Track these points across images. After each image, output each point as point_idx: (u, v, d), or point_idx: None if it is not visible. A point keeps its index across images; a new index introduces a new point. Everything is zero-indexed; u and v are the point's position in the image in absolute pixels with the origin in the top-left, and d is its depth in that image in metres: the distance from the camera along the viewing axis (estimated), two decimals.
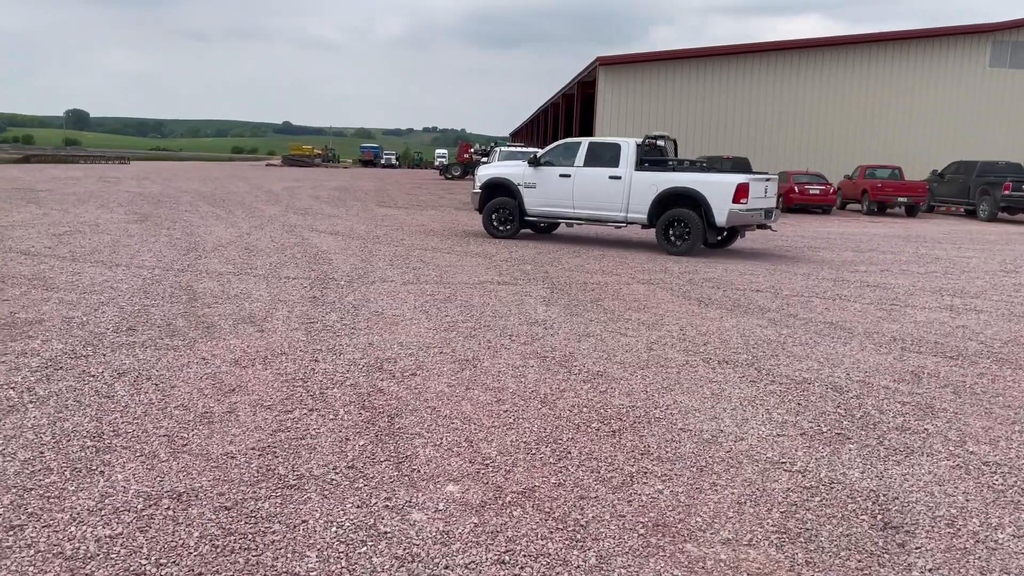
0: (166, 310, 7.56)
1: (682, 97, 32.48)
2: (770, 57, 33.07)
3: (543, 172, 14.68)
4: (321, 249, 12.63)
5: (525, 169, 14.90)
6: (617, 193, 14.04)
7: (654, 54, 33.30)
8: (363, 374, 5.65)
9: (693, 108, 32.50)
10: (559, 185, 14.50)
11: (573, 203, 14.45)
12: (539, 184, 14.66)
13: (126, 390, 5.10)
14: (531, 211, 14.89)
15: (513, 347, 6.59)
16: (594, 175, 14.23)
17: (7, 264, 9.93)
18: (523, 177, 14.83)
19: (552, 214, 14.85)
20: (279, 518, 3.43)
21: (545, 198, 14.67)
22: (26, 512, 3.39)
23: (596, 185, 14.18)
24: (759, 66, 32.89)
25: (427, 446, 4.33)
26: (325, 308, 7.93)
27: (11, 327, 6.65)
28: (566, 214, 14.69)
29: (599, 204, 14.25)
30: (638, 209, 13.90)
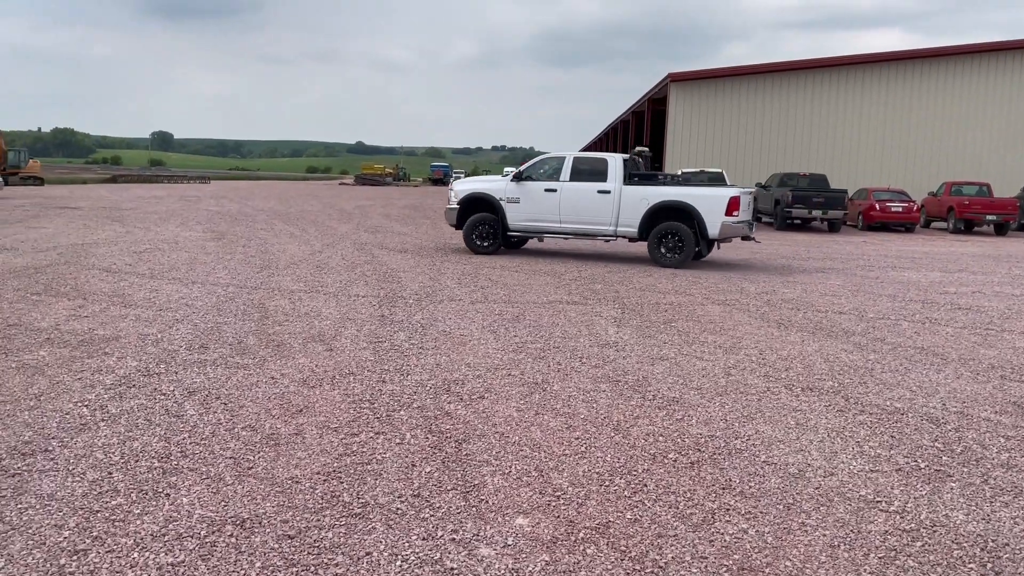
0: (238, 328, 7.61)
1: (756, 113, 31.80)
2: (849, 71, 32.13)
3: (527, 187, 14.56)
4: (390, 267, 12.66)
5: (507, 184, 14.75)
6: (607, 207, 14.17)
7: (727, 69, 32.72)
8: (430, 396, 5.53)
9: (767, 124, 31.77)
10: (545, 200, 14.44)
11: (560, 217, 14.42)
12: (523, 199, 14.54)
13: (195, 409, 5.09)
14: (514, 226, 14.75)
15: (584, 370, 6.38)
16: (582, 189, 14.28)
17: (89, 281, 10.21)
18: (505, 192, 14.68)
19: (537, 229, 14.73)
20: (343, 549, 3.30)
21: (529, 213, 14.56)
22: (91, 536, 3.34)
23: (585, 199, 14.24)
24: (838, 80, 31.98)
25: (495, 474, 4.16)
26: (393, 327, 7.86)
27: (89, 343, 6.77)
28: (552, 228, 14.61)
29: (588, 218, 14.31)
30: (628, 223, 14.13)
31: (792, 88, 31.90)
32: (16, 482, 3.86)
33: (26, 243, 14.71)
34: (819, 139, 32.00)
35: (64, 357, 6.27)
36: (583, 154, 14.92)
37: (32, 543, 3.27)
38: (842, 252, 18.08)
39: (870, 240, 22.14)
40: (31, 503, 3.64)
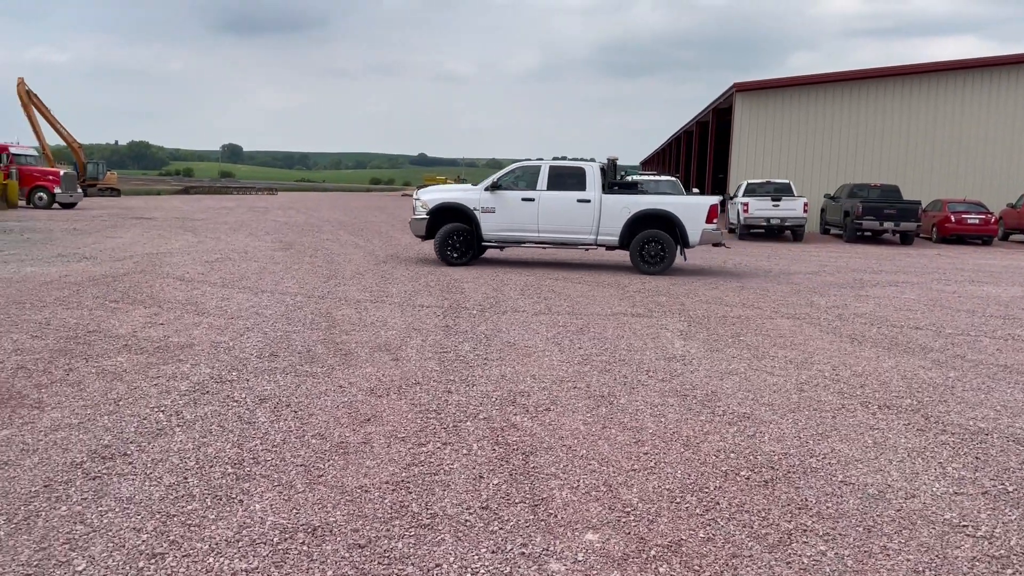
0: (306, 337, 7.73)
1: (824, 122, 31.09)
2: (922, 79, 31.18)
3: (502, 196, 14.25)
4: (453, 278, 12.72)
5: (481, 194, 14.37)
6: (587, 216, 14.12)
7: (794, 79, 32.08)
8: (496, 408, 5.51)
9: (836, 134, 31.03)
10: (522, 209, 14.19)
11: (538, 227, 14.22)
12: (499, 208, 14.21)
13: (266, 417, 5.17)
14: (489, 236, 14.41)
15: (650, 384, 6.29)
16: (561, 199, 14.15)
17: (164, 289, 10.52)
18: (480, 202, 14.31)
19: (513, 239, 14.47)
20: (412, 560, 3.29)
21: (506, 223, 14.25)
22: (168, 540, 3.41)
23: (564, 209, 14.12)
24: (910, 89, 31.07)
25: (564, 488, 4.11)
26: (458, 337, 7.88)
27: (164, 350, 6.96)
28: (529, 238, 14.42)
29: (567, 227, 14.21)
30: (609, 232, 14.17)
31: (862, 97, 31.10)
32: (97, 485, 3.97)
33: (104, 252, 15.26)
34: (890, 149, 31.11)
35: (141, 363, 6.46)
36: (559, 162, 14.62)
37: (112, 545, 3.35)
38: (916, 265, 17.50)
39: (945, 253, 21.39)
40: (111, 506, 3.74)
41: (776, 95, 31.51)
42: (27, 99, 42.17)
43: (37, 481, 3.99)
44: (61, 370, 6.17)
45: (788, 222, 24.00)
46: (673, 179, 25.17)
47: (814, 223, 28.02)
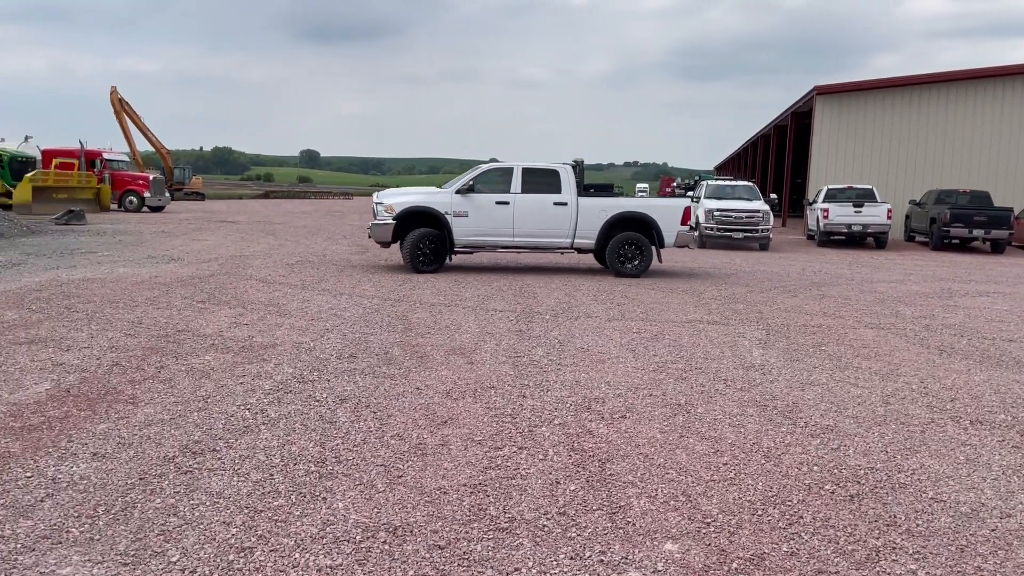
0: (384, 339, 7.86)
1: (909, 126, 30.02)
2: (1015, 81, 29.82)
3: (475, 200, 13.72)
4: (525, 282, 12.77)
5: (452, 197, 13.74)
6: (564, 219, 13.88)
7: (877, 81, 31.09)
8: (571, 413, 5.50)
9: (921, 138, 29.93)
10: (496, 213, 13.72)
11: (513, 231, 13.82)
12: (472, 213, 13.67)
13: (347, 416, 5.28)
14: (462, 241, 13.84)
15: (729, 393, 6.18)
16: (537, 202, 13.82)
17: (247, 291, 10.86)
18: (452, 205, 13.67)
19: (487, 243, 14.01)
20: (491, 563, 3.32)
21: (479, 227, 13.74)
22: (256, 534, 3.52)
23: (540, 212, 13.81)
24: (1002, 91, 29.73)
25: (641, 497, 4.07)
26: (531, 342, 7.90)
27: (249, 350, 7.18)
28: (504, 242, 14.01)
29: (543, 231, 13.89)
30: (586, 235, 13.96)
31: (949, 100, 29.93)
32: (188, 479, 4.13)
33: (191, 254, 15.85)
34: (980, 154, 29.82)
35: (227, 362, 6.68)
36: (532, 164, 14.14)
37: (204, 538, 3.47)
38: (1008, 275, 16.74)
39: None
40: (202, 499, 3.87)
41: (858, 98, 30.60)
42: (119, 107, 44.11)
43: (133, 474, 4.17)
44: (153, 367, 6.43)
45: (870, 229, 23.25)
46: (750, 184, 24.71)
47: (898, 230, 27.06)
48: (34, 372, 6.16)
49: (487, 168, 14.25)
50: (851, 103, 30.51)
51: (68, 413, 5.16)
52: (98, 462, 4.32)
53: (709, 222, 21.41)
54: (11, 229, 19.42)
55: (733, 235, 21.29)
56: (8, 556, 3.25)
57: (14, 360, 6.51)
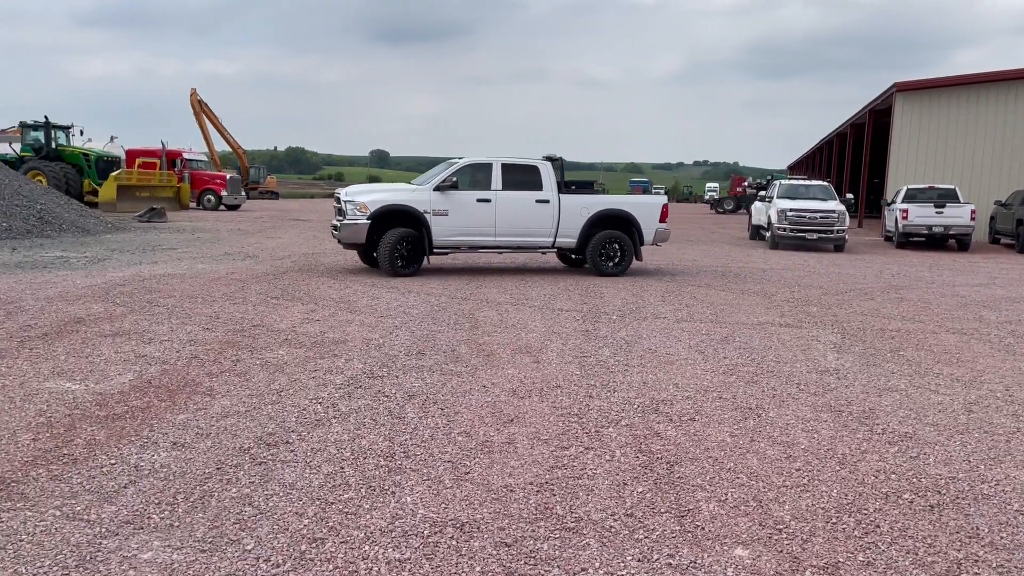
0: (451, 336, 7.93)
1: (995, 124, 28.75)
2: None
3: (455, 198, 12.84)
4: (592, 282, 12.70)
5: (431, 194, 12.75)
6: (547, 218, 13.33)
7: (961, 78, 29.87)
8: (638, 415, 5.45)
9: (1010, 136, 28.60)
10: (478, 211, 12.95)
11: (495, 230, 13.09)
12: (452, 211, 12.78)
13: (415, 412, 5.34)
14: (441, 242, 12.90)
15: (802, 397, 6.03)
16: (519, 199, 13.17)
17: (319, 288, 11.09)
18: (431, 204, 12.70)
19: (467, 243, 13.15)
20: (558, 562, 3.31)
21: (460, 226, 12.88)
22: (327, 526, 3.59)
23: (522, 210, 13.16)
24: None
25: (710, 501, 4.01)
26: (597, 342, 7.86)
27: (321, 345, 7.33)
28: (486, 243, 13.23)
29: (525, 230, 13.28)
30: (568, 233, 13.50)
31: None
32: (262, 470, 4.24)
33: (265, 251, 16.28)
34: None
35: (300, 357, 6.84)
36: (512, 160, 13.44)
37: (277, 528, 3.56)
38: None
39: None
40: (275, 490, 3.97)
41: (940, 95, 29.48)
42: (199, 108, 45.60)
43: (210, 463, 4.30)
44: (229, 361, 6.62)
45: (952, 230, 22.37)
46: (824, 184, 24.06)
47: (981, 232, 25.96)
48: (118, 363, 6.42)
49: (466, 164, 13.28)
50: (933, 100, 29.42)
51: (150, 404, 5.35)
52: (178, 451, 4.47)
53: (782, 222, 20.93)
54: (97, 226, 20.28)
55: (807, 236, 20.76)
56: (93, 540, 3.39)
57: (100, 352, 6.79)
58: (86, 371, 6.14)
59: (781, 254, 19.70)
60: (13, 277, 11.30)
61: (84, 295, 9.81)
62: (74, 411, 5.14)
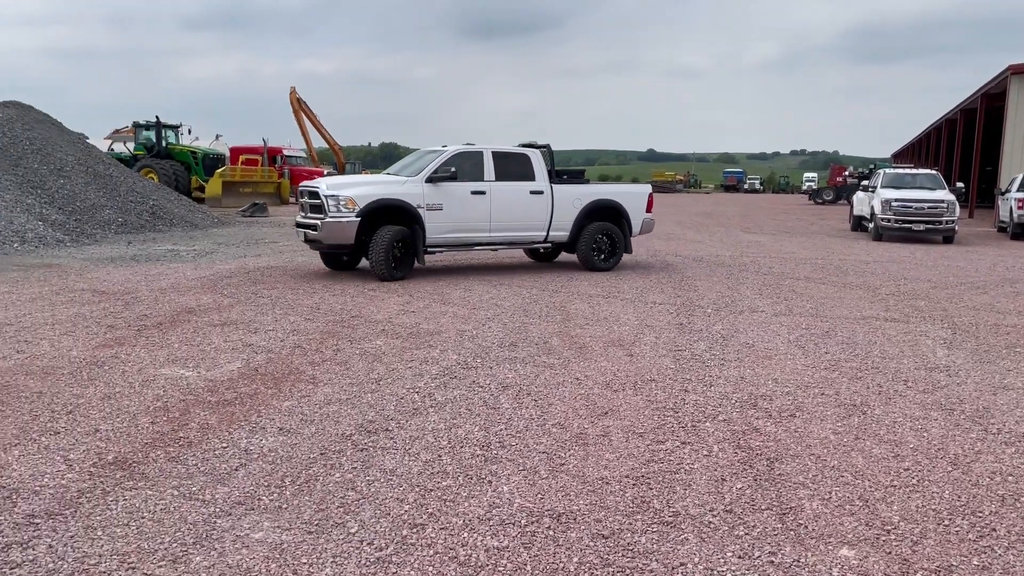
0: (543, 329, 7.96)
1: None
2: None
3: (448, 190, 11.53)
4: (685, 275, 12.51)
5: (423, 187, 11.38)
6: (541, 210, 12.41)
7: None
8: (736, 410, 5.35)
9: None
10: (473, 205, 11.77)
11: (490, 225, 11.98)
12: (447, 205, 11.51)
13: (509, 403, 5.39)
14: (435, 240, 11.59)
15: (909, 395, 5.79)
16: (514, 190, 12.13)
17: (412, 280, 11.31)
18: (424, 197, 11.35)
19: (462, 241, 11.94)
20: (656, 556, 3.29)
21: (455, 222, 11.65)
22: (427, 512, 3.67)
23: (517, 202, 12.16)
24: None
25: (813, 499, 3.90)
26: (692, 336, 7.74)
27: (416, 336, 7.48)
28: (480, 239, 12.06)
29: (520, 224, 12.29)
30: (561, 227, 12.64)
31: None
32: (364, 456, 4.36)
33: None
34: None
35: (396, 347, 6.99)
36: (502, 148, 12.38)
37: (379, 512, 3.66)
38: None
39: None
40: (377, 476, 4.08)
41: None
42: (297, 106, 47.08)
43: (315, 449, 4.46)
44: (330, 350, 6.84)
45: None
46: (932, 172, 22.96)
47: None
48: (227, 351, 6.72)
49: (455, 152, 11.90)
50: None
51: (257, 390, 5.59)
52: (284, 436, 4.65)
53: (886, 213, 20.08)
54: (204, 220, 21.25)
55: (913, 227, 19.85)
56: (208, 519, 3.57)
57: (210, 340, 7.12)
58: (198, 359, 6.45)
59: (885, 246, 18.91)
60: (130, 269, 11.96)
61: (194, 286, 10.30)
62: (188, 396, 5.41)
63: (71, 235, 15.91)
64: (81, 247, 14.97)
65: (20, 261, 12.59)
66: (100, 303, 8.93)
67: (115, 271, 11.71)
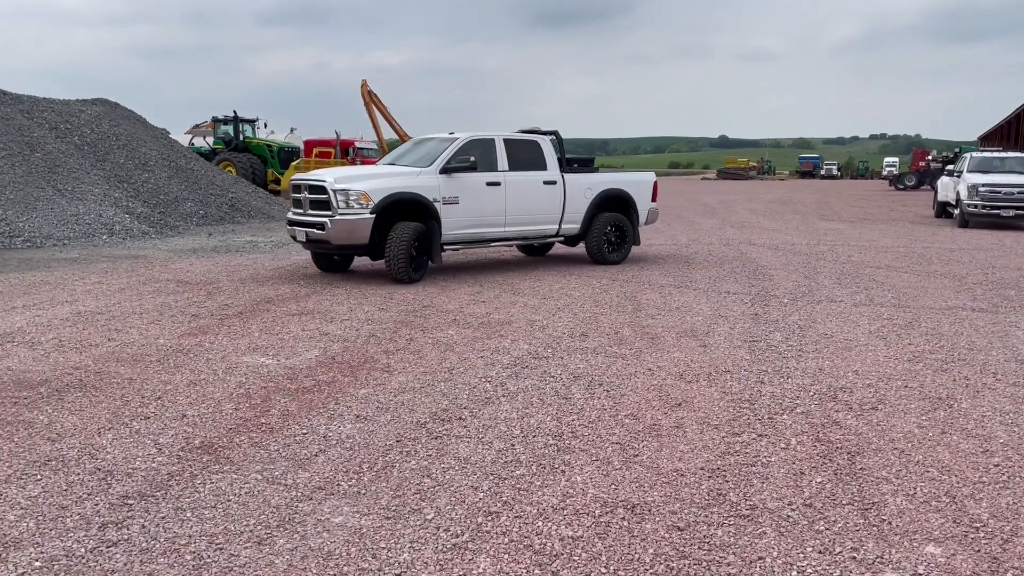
0: (613, 319, 7.92)
1: None
2: None
3: (463, 181, 10.52)
4: (760, 264, 12.25)
5: (438, 179, 10.33)
6: (555, 201, 11.55)
7: None
8: (815, 402, 5.22)
9: None
10: (489, 197, 10.81)
11: (505, 219, 11.03)
12: (463, 198, 10.50)
13: (581, 393, 5.39)
14: (451, 237, 10.56)
15: (999, 388, 5.55)
16: (528, 181, 11.22)
17: (483, 270, 11.38)
18: (440, 190, 10.32)
19: (477, 237, 10.92)
20: (733, 549, 3.25)
21: (471, 216, 10.64)
22: (501, 500, 3.70)
23: (531, 193, 11.26)
24: None
25: (897, 494, 3.79)
26: (768, 326, 7.59)
27: (487, 326, 7.54)
28: (496, 234, 11.08)
29: (533, 217, 11.38)
30: (573, 219, 11.83)
31: None
32: (438, 444, 4.43)
33: None
34: None
35: (468, 337, 7.06)
36: (513, 135, 11.55)
37: (454, 500, 3.71)
38: None
39: None
40: (451, 464, 4.14)
41: None
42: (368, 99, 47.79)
43: (391, 436, 4.55)
44: (404, 339, 6.94)
45: None
46: (1022, 155, 21.91)
47: None
48: (305, 340, 6.89)
49: (468, 139, 10.88)
50: None
51: (334, 378, 5.72)
52: (361, 423, 4.75)
53: (972, 198, 19.27)
54: (280, 212, 21.79)
55: (1001, 213, 18.99)
56: (291, 503, 3.67)
57: (288, 329, 7.32)
58: (277, 347, 6.64)
59: (972, 233, 18.15)
60: (211, 260, 12.37)
61: (272, 277, 10.59)
62: (268, 384, 5.58)
63: (155, 227, 16.54)
64: (165, 239, 15.55)
65: (108, 252, 13.15)
66: (184, 293, 9.27)
67: (197, 262, 12.13)
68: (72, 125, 18.63)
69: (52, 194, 15.79)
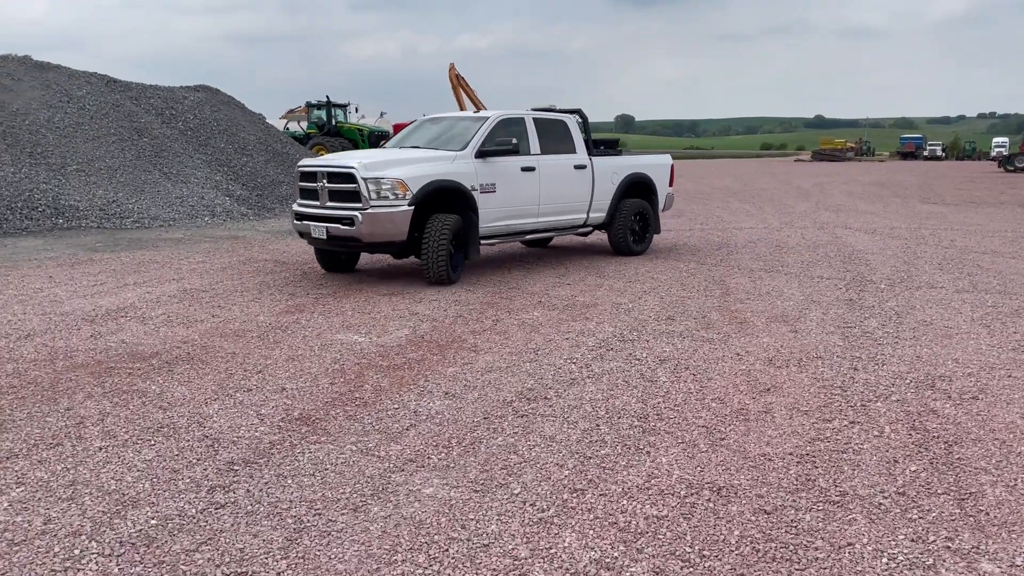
0: (701, 303, 7.84)
1: None
2: None
3: (498, 167, 9.32)
4: (856, 248, 11.87)
5: (474, 164, 9.10)
6: (584, 187, 10.55)
7: None
8: (911, 390, 5.07)
9: None
10: (525, 184, 9.65)
11: (539, 208, 9.91)
12: (499, 185, 9.31)
13: (667, 376, 5.38)
14: (487, 229, 9.33)
15: None
16: (560, 165, 10.15)
17: (567, 253, 11.41)
18: (477, 177, 9.08)
19: (512, 229, 9.71)
20: (821, 534, 3.22)
21: (507, 205, 9.46)
22: (586, 478, 3.76)
23: (563, 180, 10.19)
24: None
25: (996, 485, 3.66)
26: (863, 312, 7.37)
27: (572, 308, 7.58)
28: (529, 226, 9.92)
29: (564, 205, 10.30)
30: (600, 206, 10.90)
31: None
32: (524, 422, 4.51)
33: None
34: None
35: (553, 319, 7.12)
36: (542, 114, 10.40)
37: (540, 476, 3.79)
38: None
39: None
40: (537, 442, 4.22)
41: None
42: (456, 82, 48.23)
43: (478, 413, 4.66)
44: (490, 320, 7.06)
45: None
46: None
47: None
48: (395, 319, 7.09)
49: (499, 118, 9.73)
50: None
51: (424, 356, 5.88)
52: (449, 400, 4.88)
53: None
54: None
55: None
56: (384, 473, 3.83)
57: (379, 309, 7.54)
58: (369, 325, 6.86)
59: None
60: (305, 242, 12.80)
61: (363, 257, 10.89)
62: (361, 360, 5.78)
63: (253, 209, 17.19)
64: (262, 220, 16.15)
65: (210, 233, 13.77)
66: (281, 273, 9.65)
67: (293, 243, 12.57)
68: (176, 111, 19.50)
69: (159, 177, 16.61)
